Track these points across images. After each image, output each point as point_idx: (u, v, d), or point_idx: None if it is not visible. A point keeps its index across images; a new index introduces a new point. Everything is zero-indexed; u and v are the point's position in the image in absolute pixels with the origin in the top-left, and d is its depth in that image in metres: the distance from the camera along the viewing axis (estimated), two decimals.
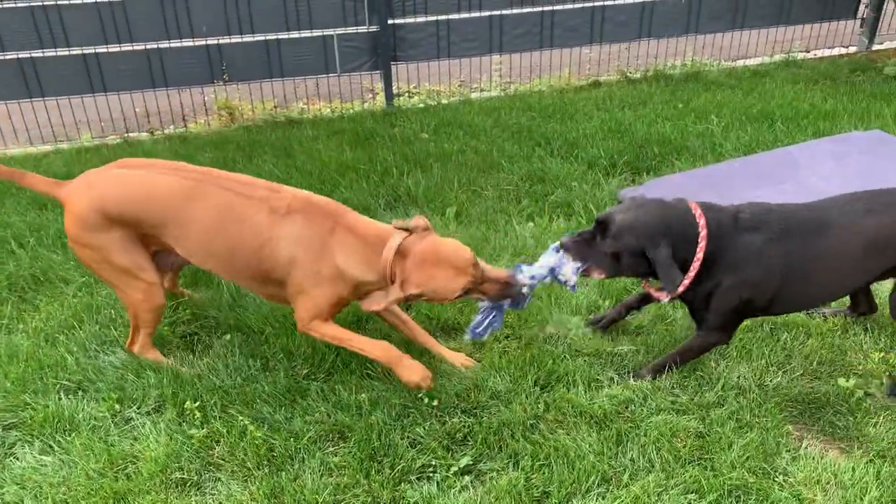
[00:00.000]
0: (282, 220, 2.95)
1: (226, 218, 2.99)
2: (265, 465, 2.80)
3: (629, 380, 3.12)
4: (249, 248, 2.98)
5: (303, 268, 2.95)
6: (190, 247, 3.09)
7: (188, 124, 6.28)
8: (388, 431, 2.90)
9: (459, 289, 2.85)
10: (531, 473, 2.73)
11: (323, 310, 3.02)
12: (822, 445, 2.87)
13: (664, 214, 2.86)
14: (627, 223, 2.82)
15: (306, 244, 2.94)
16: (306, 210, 2.98)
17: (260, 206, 2.98)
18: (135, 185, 3.07)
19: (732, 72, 6.82)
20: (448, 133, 5.57)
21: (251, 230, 2.96)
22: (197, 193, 3.01)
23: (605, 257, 2.88)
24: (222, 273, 3.20)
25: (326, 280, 2.95)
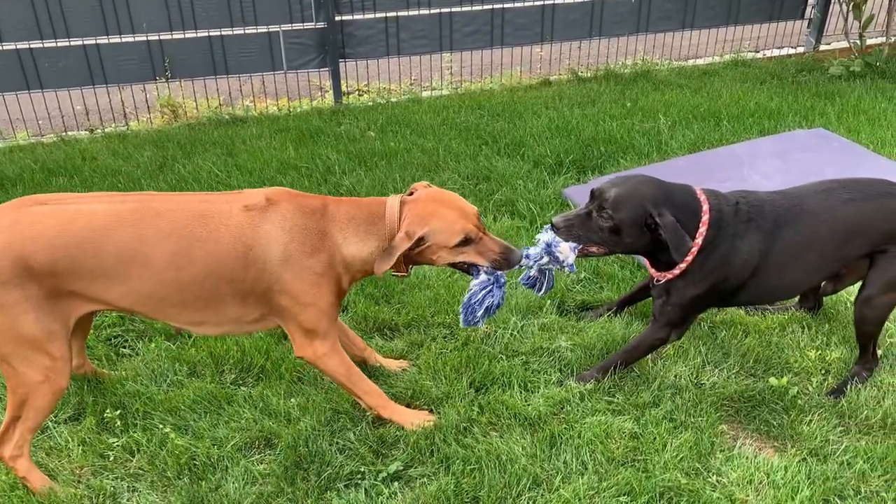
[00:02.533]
0: (265, 213, 2.56)
1: (195, 235, 2.49)
2: (186, 474, 2.69)
3: (570, 381, 3.07)
4: (230, 261, 2.52)
5: (297, 266, 2.57)
6: (144, 289, 2.50)
7: (130, 122, 6.10)
8: (316, 438, 2.80)
9: (461, 231, 2.62)
10: (462, 478, 2.66)
11: (326, 316, 2.67)
12: (757, 444, 2.84)
13: (666, 186, 2.78)
14: (627, 192, 2.72)
15: (300, 233, 2.58)
16: (288, 197, 2.64)
17: (232, 208, 2.56)
18: (66, 222, 2.41)
19: (682, 71, 6.85)
20: (395, 132, 5.48)
21: (230, 238, 2.51)
22: (147, 217, 2.48)
23: (603, 232, 2.76)
24: (183, 314, 2.62)
25: (323, 275, 2.62)
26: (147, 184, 4.72)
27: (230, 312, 2.65)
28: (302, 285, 2.60)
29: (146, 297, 2.54)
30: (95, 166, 5.08)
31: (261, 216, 2.57)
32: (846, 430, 2.87)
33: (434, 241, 2.63)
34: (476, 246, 2.69)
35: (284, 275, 2.58)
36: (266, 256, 2.56)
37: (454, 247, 2.65)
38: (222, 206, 2.58)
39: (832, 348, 3.27)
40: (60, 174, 4.95)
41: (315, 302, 2.63)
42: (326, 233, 2.63)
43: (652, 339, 3.02)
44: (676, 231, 2.67)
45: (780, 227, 2.81)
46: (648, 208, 2.69)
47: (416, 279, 3.72)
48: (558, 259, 2.84)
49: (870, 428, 2.87)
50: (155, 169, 4.98)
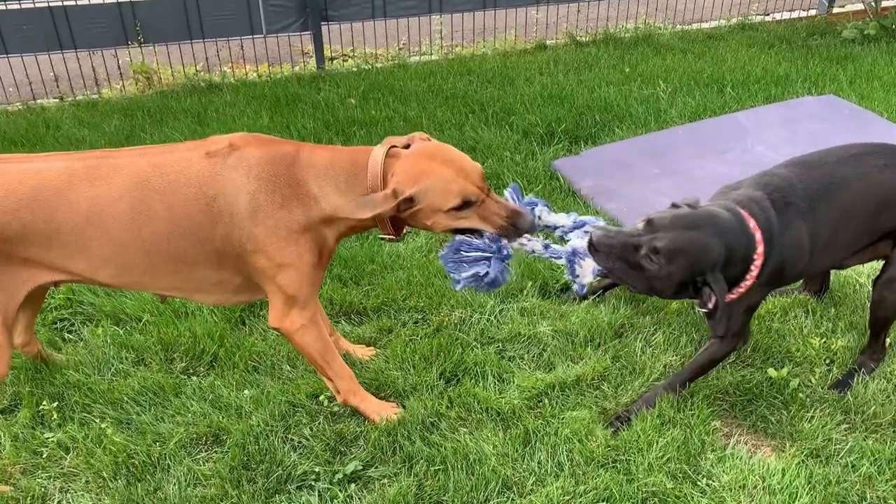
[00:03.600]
0: (228, 159, 2.24)
1: (153, 187, 2.22)
2: (123, 474, 2.46)
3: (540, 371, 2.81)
4: (195, 214, 2.24)
5: (268, 219, 2.24)
6: (102, 253, 2.26)
7: (102, 90, 5.80)
8: (268, 434, 2.56)
9: (459, 193, 2.23)
10: (425, 480, 2.41)
11: (308, 280, 2.35)
12: (753, 443, 2.58)
13: (725, 237, 2.32)
14: (690, 246, 2.28)
15: (269, 181, 2.23)
16: (255, 142, 2.30)
17: (192, 155, 2.26)
18: (15, 182, 2.16)
19: (685, 35, 6.49)
20: (377, 99, 5.17)
21: (191, 187, 2.22)
22: (103, 172, 2.22)
23: (642, 273, 2.31)
24: (151, 278, 2.36)
25: (301, 230, 2.27)
26: None
27: (209, 277, 2.36)
28: (277, 241, 2.26)
29: (110, 264, 2.28)
30: (59, 135, 4.79)
31: (223, 162, 2.25)
32: (851, 427, 2.60)
33: (427, 203, 2.24)
34: (479, 209, 2.30)
35: (255, 229, 2.25)
36: (233, 208, 2.24)
37: (450, 210, 2.26)
38: (182, 155, 2.28)
39: (838, 335, 3.00)
40: (22, 144, 4.67)
41: (293, 261, 2.30)
42: (299, 181, 2.27)
43: (722, 354, 2.64)
44: (723, 297, 2.33)
45: (816, 204, 2.48)
46: (706, 271, 2.30)
47: (388, 259, 3.45)
48: (573, 271, 2.45)
49: (878, 426, 2.61)
50: (122, 139, 4.70)
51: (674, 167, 4.10)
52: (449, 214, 2.28)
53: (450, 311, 3.13)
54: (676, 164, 4.12)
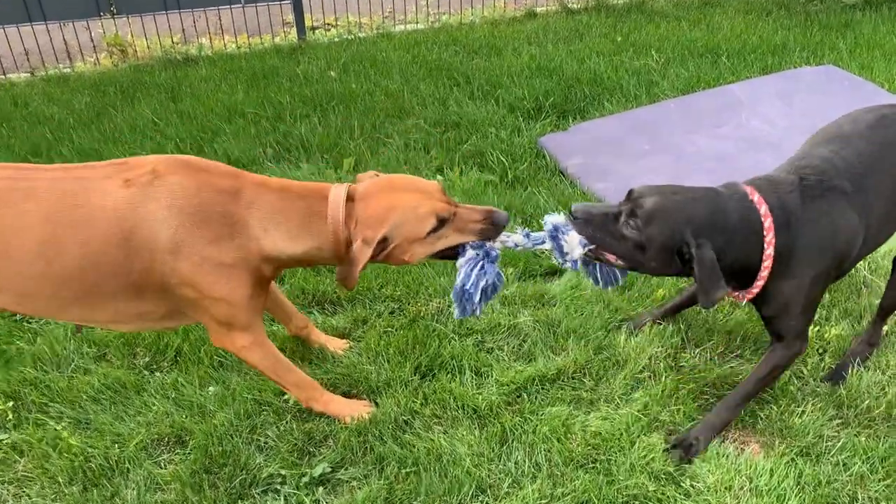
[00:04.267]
0: (148, 189, 2.04)
1: (66, 220, 2.04)
2: (80, 479, 2.34)
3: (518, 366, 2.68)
4: (110, 249, 2.05)
5: (194, 255, 2.06)
6: (12, 287, 2.10)
7: (75, 63, 5.59)
8: (232, 435, 2.44)
9: (430, 213, 2.11)
10: (396, 483, 2.30)
11: (243, 310, 2.19)
12: (741, 440, 2.46)
13: (720, 205, 2.17)
14: (669, 207, 2.15)
15: (196, 215, 2.04)
16: (183, 170, 2.09)
17: (109, 185, 2.06)
18: None
19: (680, 2, 6.26)
20: (358, 71, 4.98)
21: (106, 221, 2.03)
22: (12, 199, 2.04)
23: (626, 243, 2.18)
24: (70, 312, 2.20)
25: (234, 266, 2.11)
26: (79, 134, 4.27)
27: (128, 309, 2.19)
28: (206, 277, 2.09)
29: (17, 296, 2.12)
30: (27, 113, 4.61)
31: (143, 193, 2.04)
32: (844, 422, 2.48)
33: (402, 237, 2.13)
34: (454, 224, 2.18)
35: (179, 265, 2.07)
36: (152, 243, 2.04)
37: (428, 235, 2.14)
38: (99, 183, 2.08)
39: (832, 323, 2.87)
40: None
41: (226, 296, 2.14)
42: (237, 220, 2.09)
43: (789, 359, 2.41)
44: (711, 273, 2.11)
45: (863, 181, 2.26)
46: (686, 236, 2.12)
47: None
48: (561, 249, 2.28)
49: (872, 420, 2.49)
50: (92, 116, 4.52)
51: (665, 143, 3.93)
52: (427, 240, 2.15)
53: (427, 300, 3.00)
54: (668, 140, 3.95)
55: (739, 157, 3.71)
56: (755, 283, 2.24)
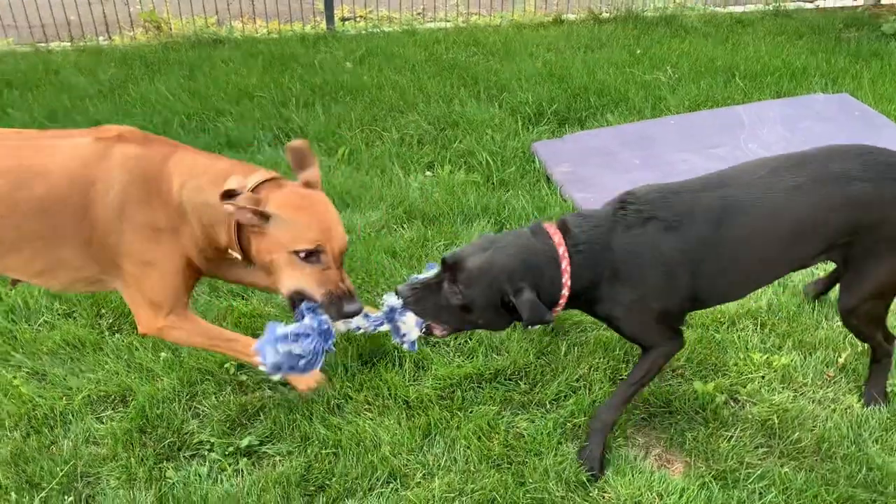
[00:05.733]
0: (112, 147, 2.27)
1: (40, 162, 2.26)
2: (24, 426, 2.49)
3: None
4: (75, 194, 2.24)
5: (134, 215, 2.25)
6: None
7: (112, 37, 5.84)
8: (171, 400, 2.56)
9: (314, 240, 2.20)
10: (314, 462, 2.39)
11: (174, 285, 2.34)
12: (667, 458, 2.47)
13: (525, 248, 2.24)
14: (482, 265, 2.20)
15: (139, 176, 2.25)
16: (139, 138, 2.34)
17: (83, 141, 2.31)
18: None
19: (712, 18, 6.18)
20: (373, 65, 5.07)
21: (77, 167, 2.25)
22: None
23: (452, 309, 2.24)
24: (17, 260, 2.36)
25: (165, 230, 2.27)
26: (96, 104, 4.47)
27: (71, 263, 2.35)
28: (140, 239, 2.27)
29: None
30: (55, 80, 4.85)
31: (107, 150, 2.27)
32: (770, 451, 2.47)
33: (277, 233, 2.20)
34: (321, 270, 2.25)
35: (122, 224, 2.26)
36: (105, 196, 2.25)
37: (295, 253, 2.21)
38: (74, 139, 2.33)
39: (783, 353, 2.83)
40: (16, 86, 4.74)
41: (156, 261, 2.30)
42: (165, 179, 2.27)
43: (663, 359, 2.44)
44: (536, 310, 2.17)
45: (694, 223, 2.24)
46: (504, 286, 2.18)
47: None
48: (398, 331, 2.37)
49: (799, 452, 2.46)
50: (112, 88, 4.72)
51: (657, 159, 3.92)
52: (291, 258, 2.22)
53: (385, 290, 3.07)
54: (660, 157, 3.94)
55: None
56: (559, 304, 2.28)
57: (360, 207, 3.56)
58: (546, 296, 2.23)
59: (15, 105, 4.46)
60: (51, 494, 2.27)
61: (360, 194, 3.66)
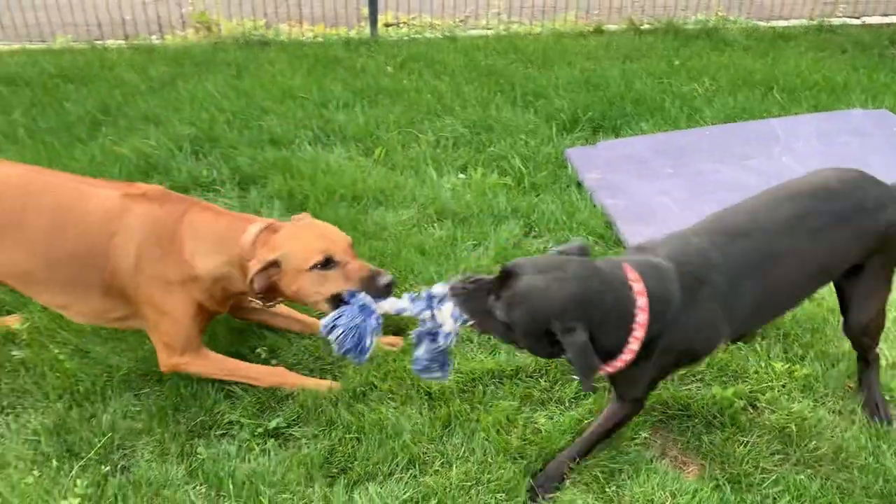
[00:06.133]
0: (135, 204, 2.48)
1: (74, 211, 2.46)
2: (67, 398, 2.63)
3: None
4: (98, 245, 2.45)
5: (147, 269, 2.45)
6: (15, 259, 2.49)
7: (165, 36, 6.06)
8: (206, 381, 2.67)
9: (320, 251, 2.38)
10: (338, 446, 2.48)
11: (185, 330, 2.52)
12: (682, 460, 2.51)
13: (589, 284, 2.02)
14: (531, 291, 1.99)
15: (154, 234, 2.46)
16: (161, 197, 2.54)
17: (112, 193, 2.51)
18: None
19: (754, 32, 6.17)
20: (413, 69, 5.19)
21: (101, 220, 2.45)
22: (38, 187, 2.48)
23: (495, 321, 2.07)
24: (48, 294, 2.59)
25: (176, 283, 2.47)
26: (146, 99, 4.66)
27: (93, 303, 2.57)
28: (155, 290, 2.48)
29: (15, 268, 2.52)
30: (109, 76, 5.06)
31: (131, 206, 2.48)
32: (786, 458, 2.49)
33: (291, 266, 2.39)
34: (342, 270, 2.40)
35: (137, 276, 2.47)
36: (124, 250, 2.46)
37: (312, 269, 2.38)
38: (106, 191, 2.53)
39: (806, 363, 2.84)
40: (73, 80, 4.96)
41: (171, 311, 2.50)
42: (177, 237, 2.47)
43: (627, 418, 2.41)
44: (584, 357, 1.97)
45: (738, 283, 2.17)
46: (551, 321, 1.97)
47: (373, 228, 3.50)
48: (434, 319, 2.25)
49: (816, 460, 2.48)
50: (162, 85, 4.92)
51: (688, 169, 3.95)
52: (313, 274, 2.39)
53: (414, 286, 3.16)
54: (692, 167, 3.97)
55: (758, 192, 3.69)
56: (612, 363, 2.11)
57: (393, 206, 3.66)
58: (604, 344, 2.04)
59: (71, 98, 4.67)
60: (89, 463, 2.39)
61: (394, 193, 3.76)
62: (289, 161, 3.96)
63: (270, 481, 2.35)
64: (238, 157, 4.01)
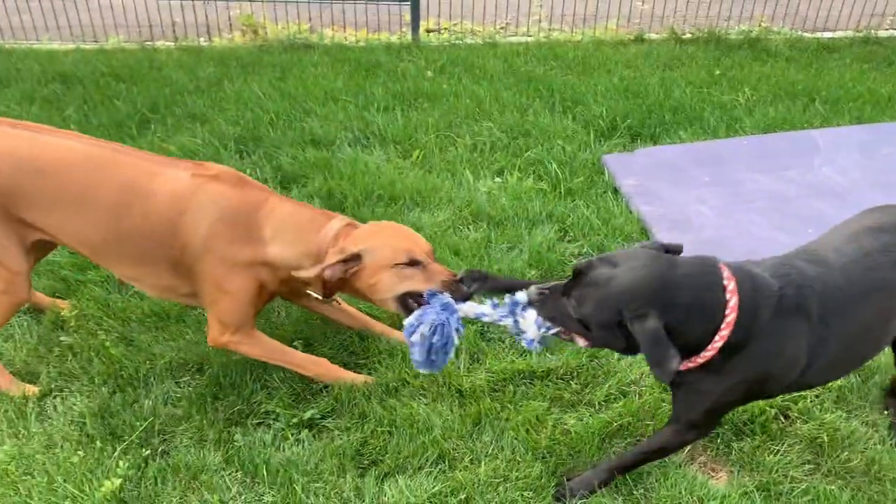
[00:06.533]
0: (207, 184, 2.50)
1: (142, 189, 2.48)
2: (112, 383, 2.73)
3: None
4: (165, 223, 2.48)
5: (218, 248, 2.48)
6: (89, 232, 2.52)
7: (213, 38, 6.21)
8: (245, 371, 2.76)
9: (406, 251, 2.44)
10: (371, 438, 2.53)
11: (242, 311, 2.57)
12: (711, 466, 2.52)
13: (660, 275, 1.95)
14: (598, 282, 1.97)
15: (229, 217, 2.48)
16: (234, 180, 2.56)
17: (182, 174, 2.52)
18: (38, 150, 2.45)
19: (797, 43, 6.10)
20: (452, 74, 5.25)
21: (169, 198, 2.47)
22: (107, 162, 2.50)
23: (572, 320, 2.05)
24: (121, 266, 2.62)
25: (244, 266, 2.50)
26: (193, 98, 4.79)
27: (163, 278, 2.61)
28: (220, 269, 2.50)
29: (92, 242, 2.56)
30: (158, 75, 5.21)
31: (202, 186, 2.50)
32: (816, 468, 2.48)
33: (373, 261, 2.44)
34: (423, 272, 2.46)
35: (206, 254, 2.49)
36: (195, 227, 2.48)
37: (396, 266, 2.44)
38: (176, 170, 2.54)
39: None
40: (124, 79, 5.12)
41: (232, 291, 2.53)
42: (256, 225, 2.50)
43: (678, 445, 2.33)
44: (656, 344, 1.90)
45: (829, 315, 2.07)
46: (622, 310, 1.92)
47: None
48: (518, 326, 2.22)
49: (847, 472, 2.47)
50: (209, 85, 5.05)
51: (726, 178, 3.94)
52: (394, 271, 2.45)
53: None
54: (729, 175, 3.96)
55: (796, 202, 3.67)
56: (693, 359, 2.04)
57: (430, 207, 3.71)
58: (687, 338, 1.97)
59: (122, 96, 4.83)
60: (131, 446, 2.49)
61: (430, 195, 3.81)
62: (329, 161, 4.05)
63: (304, 470, 2.41)
64: (280, 157, 4.11)
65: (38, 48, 5.89)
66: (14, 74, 5.20)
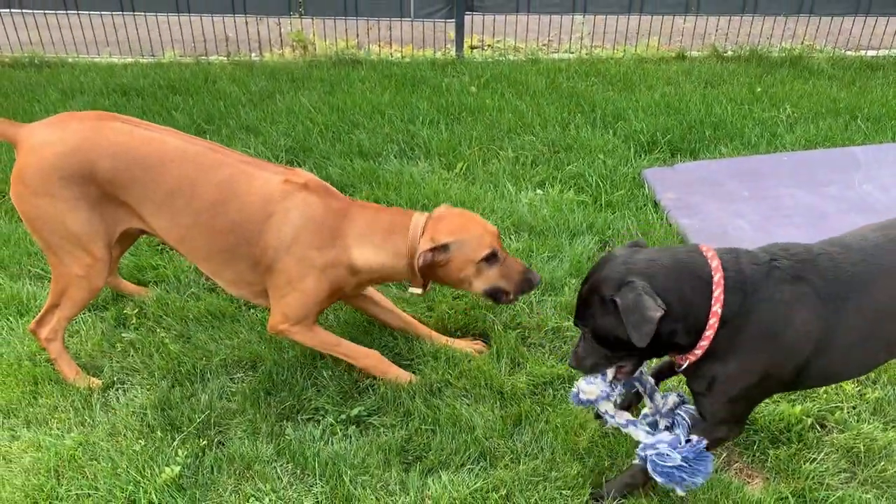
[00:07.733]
0: (296, 193, 2.65)
1: (237, 188, 2.63)
2: (170, 378, 2.88)
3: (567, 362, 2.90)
4: (253, 222, 2.63)
5: (300, 252, 2.63)
6: (178, 223, 2.67)
7: (263, 53, 6.44)
8: (297, 369, 2.89)
9: (489, 245, 2.67)
10: (415, 436, 2.64)
11: (311, 310, 2.73)
12: (747, 472, 2.57)
13: (647, 258, 2.06)
14: (591, 284, 2.10)
15: (314, 225, 2.64)
16: (321, 190, 2.71)
17: (274, 178, 2.67)
18: (140, 143, 2.61)
19: (840, 61, 6.11)
20: (496, 89, 5.38)
21: (261, 200, 2.62)
22: (206, 162, 2.64)
23: (597, 349, 2.15)
24: (203, 256, 2.75)
25: (321, 270, 2.66)
26: (247, 111, 5.00)
27: (243, 275, 2.75)
28: (297, 269, 2.65)
29: (179, 234, 2.71)
30: (213, 88, 5.43)
31: (292, 193, 2.65)
32: (853, 477, 2.52)
33: (461, 254, 2.65)
34: (501, 267, 2.71)
35: (286, 255, 2.64)
36: (280, 230, 2.63)
37: (480, 261, 2.66)
38: (269, 174, 2.69)
39: (878, 387, 2.86)
40: (180, 92, 5.35)
41: (303, 290, 2.67)
42: (340, 234, 2.67)
43: (709, 443, 2.26)
44: (637, 301, 1.95)
45: (845, 290, 2.06)
46: (603, 291, 2.03)
47: None
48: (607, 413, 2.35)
49: (884, 481, 2.50)
50: (261, 98, 5.25)
51: (765, 193, 3.98)
52: (478, 266, 2.67)
53: None
54: (769, 190, 4.00)
55: (835, 218, 3.71)
56: (699, 344, 2.08)
57: None
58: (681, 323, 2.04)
59: (178, 108, 5.05)
60: (188, 437, 2.63)
61: (473, 206, 3.92)
62: (376, 172, 4.20)
63: (352, 463, 2.52)
64: (329, 167, 4.27)
65: (99, 62, 6.18)
66: (78, 86, 5.48)
